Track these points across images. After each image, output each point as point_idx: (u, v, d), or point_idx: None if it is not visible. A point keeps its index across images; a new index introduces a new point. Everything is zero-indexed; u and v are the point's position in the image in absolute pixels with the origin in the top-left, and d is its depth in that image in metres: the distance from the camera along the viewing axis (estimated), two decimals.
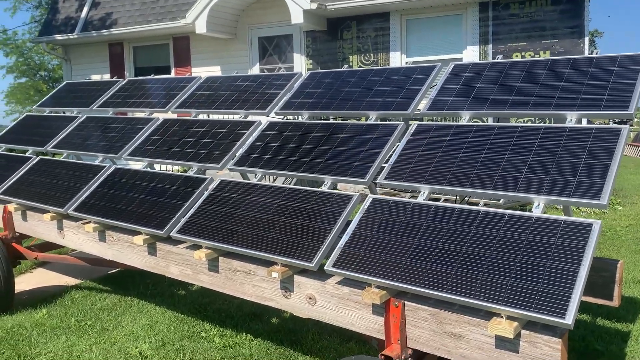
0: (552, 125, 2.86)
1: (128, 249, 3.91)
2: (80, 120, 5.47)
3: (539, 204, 2.58)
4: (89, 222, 4.15)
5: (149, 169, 4.26)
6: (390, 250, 2.66)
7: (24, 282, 5.75)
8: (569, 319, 2.08)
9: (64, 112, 5.99)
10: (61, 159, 5.02)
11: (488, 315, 2.39)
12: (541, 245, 2.36)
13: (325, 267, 2.76)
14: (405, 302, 2.59)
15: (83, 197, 4.25)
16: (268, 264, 3.14)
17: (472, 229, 2.56)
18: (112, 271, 5.94)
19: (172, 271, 3.64)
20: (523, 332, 2.27)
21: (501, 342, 2.33)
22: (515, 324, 2.22)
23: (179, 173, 4.02)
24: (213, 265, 3.37)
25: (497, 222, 2.54)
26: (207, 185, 3.73)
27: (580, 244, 2.29)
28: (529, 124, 2.95)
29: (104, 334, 4.31)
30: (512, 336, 2.19)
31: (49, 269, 6.19)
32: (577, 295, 2.13)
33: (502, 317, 2.27)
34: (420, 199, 2.89)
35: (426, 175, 2.95)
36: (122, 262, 4.02)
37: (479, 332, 2.39)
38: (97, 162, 4.68)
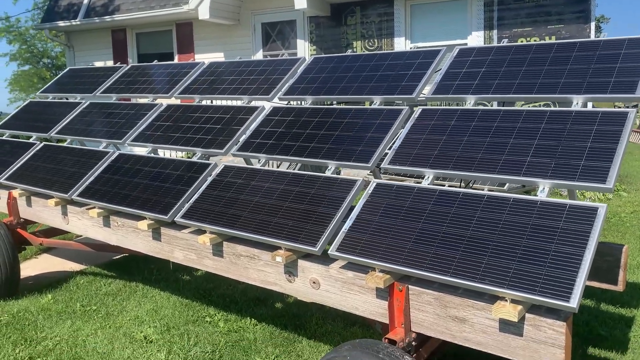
0: (558, 109, 2.83)
1: (132, 234, 3.92)
2: (84, 106, 5.46)
3: (544, 188, 2.56)
4: (93, 207, 4.16)
5: (152, 155, 4.25)
6: (394, 235, 2.65)
7: (30, 268, 5.79)
8: (574, 302, 2.07)
9: (67, 99, 5.99)
10: (65, 144, 5.03)
11: (492, 299, 2.39)
12: (546, 229, 2.35)
13: (329, 252, 2.76)
14: (409, 286, 2.59)
15: (87, 183, 4.25)
16: (272, 248, 3.14)
17: (477, 213, 2.55)
18: (117, 257, 5.96)
19: (177, 256, 3.65)
20: (527, 315, 2.27)
21: (505, 326, 2.33)
22: (520, 307, 2.22)
23: (183, 159, 4.02)
24: (217, 250, 3.38)
25: (502, 206, 2.53)
26: (210, 170, 3.73)
27: (586, 228, 2.28)
28: (535, 107, 2.93)
29: (109, 319, 4.34)
30: (516, 320, 2.19)
31: (54, 254, 6.22)
32: (582, 279, 2.13)
33: (506, 300, 2.27)
34: (425, 183, 2.88)
35: (431, 159, 2.93)
36: (127, 247, 4.03)
37: (483, 316, 2.39)
38: (100, 148, 4.68)
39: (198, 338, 3.95)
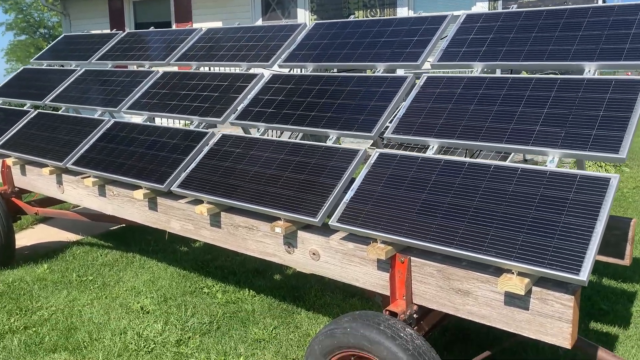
0: (570, 76, 2.73)
1: (128, 204, 3.84)
2: (79, 73, 5.33)
3: (553, 158, 2.47)
4: (88, 176, 4.07)
5: (149, 123, 4.15)
6: (397, 206, 2.57)
7: (26, 238, 5.73)
8: (584, 275, 2.00)
9: (62, 66, 5.85)
10: (59, 112, 4.91)
11: (497, 271, 2.32)
12: (555, 200, 2.27)
13: (329, 223, 2.68)
14: (412, 258, 2.52)
15: (82, 151, 4.15)
16: (271, 219, 3.06)
17: (483, 184, 2.47)
18: (114, 227, 5.90)
19: (174, 226, 3.58)
20: (534, 288, 2.20)
21: (510, 299, 2.27)
22: (527, 280, 2.15)
23: (180, 127, 3.92)
24: (215, 221, 3.30)
25: (509, 177, 2.44)
26: (208, 139, 3.63)
27: (597, 199, 2.20)
28: (545, 75, 2.82)
29: (106, 289, 4.29)
30: (523, 293, 2.12)
31: (51, 224, 6.15)
32: (592, 252, 2.05)
33: (512, 273, 2.20)
34: (429, 153, 2.79)
35: (436, 128, 2.83)
36: (123, 217, 3.96)
37: (487, 289, 2.32)
38: (96, 116, 4.57)
39: (195, 309, 3.90)
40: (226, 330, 3.59)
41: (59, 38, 6.35)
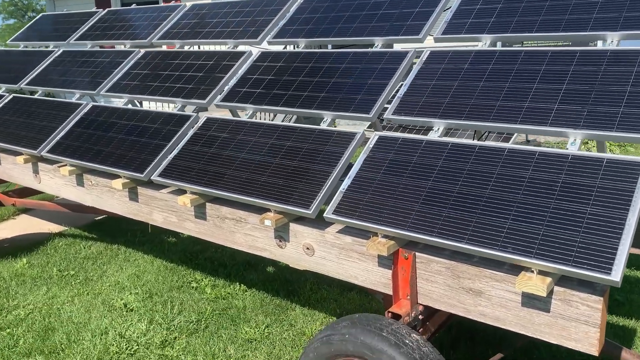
0: (591, 48, 2.44)
1: (108, 194, 3.56)
2: (57, 54, 5.00)
3: (575, 140, 2.20)
4: (65, 164, 3.78)
5: (129, 106, 3.85)
6: (400, 195, 2.30)
7: (7, 229, 5.45)
8: (617, 275, 1.74)
9: (40, 47, 5.52)
10: (36, 96, 4.60)
11: (514, 268, 2.06)
12: (579, 188, 2.00)
13: (324, 215, 2.41)
14: (417, 254, 2.25)
15: (58, 138, 3.86)
16: (260, 210, 2.79)
17: (497, 170, 2.19)
18: (99, 218, 5.62)
19: (156, 218, 3.31)
20: (556, 288, 1.94)
21: (529, 300, 2.01)
22: (549, 279, 1.89)
23: (162, 110, 3.62)
24: (200, 212, 3.03)
25: (525, 162, 2.17)
26: (192, 123, 3.34)
27: (628, 186, 1.93)
28: (562, 47, 2.53)
29: (87, 285, 4.03)
30: (544, 294, 1.86)
31: (34, 215, 5.87)
32: (625, 247, 1.79)
33: (532, 271, 1.94)
34: (435, 135, 2.51)
35: (441, 108, 2.55)
36: (102, 209, 3.68)
37: (502, 288, 2.06)
38: (74, 100, 4.27)
39: (182, 306, 3.65)
40: (215, 330, 3.33)
41: (36, 18, 6.00)
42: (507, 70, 2.55)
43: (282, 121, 3.68)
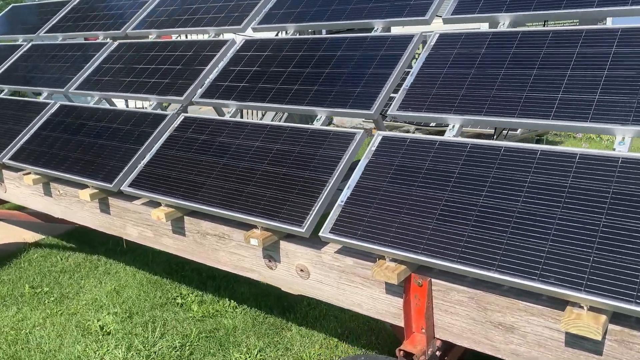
0: (636, 25, 2.04)
1: (77, 205, 3.16)
2: (25, 49, 4.58)
3: (623, 139, 1.80)
4: (29, 172, 3.38)
5: (99, 106, 3.44)
6: (410, 210, 1.90)
7: None
8: None
9: (8, 41, 5.08)
10: (1, 96, 4.18)
11: (553, 300, 1.67)
12: (636, 200, 1.61)
13: (320, 234, 2.02)
14: (433, 280, 1.87)
15: (22, 142, 3.45)
16: (246, 225, 2.40)
17: (529, 178, 1.80)
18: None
19: (130, 233, 2.91)
20: (611, 327, 1.56)
21: (575, 340, 1.62)
22: (603, 318, 1.51)
23: (135, 109, 3.22)
24: (178, 227, 2.63)
25: (564, 167, 1.77)
26: (167, 124, 2.94)
27: None
28: (601, 26, 2.13)
29: (62, 304, 3.64)
30: (600, 338, 1.47)
31: (11, 222, 5.46)
32: None
33: (581, 307, 1.55)
34: (450, 135, 2.11)
35: (456, 102, 2.15)
36: (73, 221, 3.28)
37: (540, 324, 1.68)
38: (41, 99, 3.85)
39: (166, 327, 3.26)
40: (200, 357, 2.95)
41: (5, 10, 5.56)
42: (532, 54, 2.15)
43: (272, 120, 3.27)
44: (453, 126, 2.13)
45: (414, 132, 7.60)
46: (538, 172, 1.80)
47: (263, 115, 7.03)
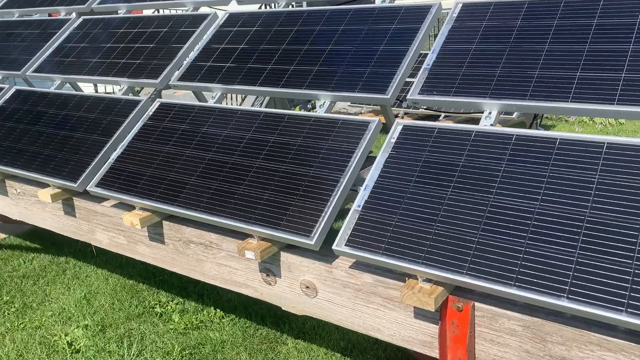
0: None
1: (38, 206, 2.73)
2: None
3: None
4: None
5: (63, 91, 3.00)
6: (447, 217, 1.54)
7: None
8: None
9: None
10: None
11: (633, 333, 1.34)
12: None
13: (334, 247, 1.65)
14: (476, 304, 1.51)
15: None
16: (238, 233, 2.02)
17: (596, 178, 1.45)
18: None
19: (100, 239, 2.51)
20: None
21: None
22: None
23: (104, 94, 2.79)
24: (155, 234, 2.24)
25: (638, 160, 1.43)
26: (141, 111, 2.52)
27: None
28: None
29: (24, 315, 3.21)
30: None
31: None
32: None
33: None
34: (486, 123, 1.75)
35: (491, 83, 1.79)
36: (34, 224, 2.86)
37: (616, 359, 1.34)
38: None
39: (143, 343, 2.87)
40: None
41: None
42: (583, 25, 1.79)
43: (263, 107, 2.88)
44: (490, 113, 1.77)
45: (402, 117, 7.24)
46: (607, 171, 1.45)
47: (255, 101, 6.52)
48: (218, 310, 3.13)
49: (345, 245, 1.62)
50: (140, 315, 3.15)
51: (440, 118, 6.83)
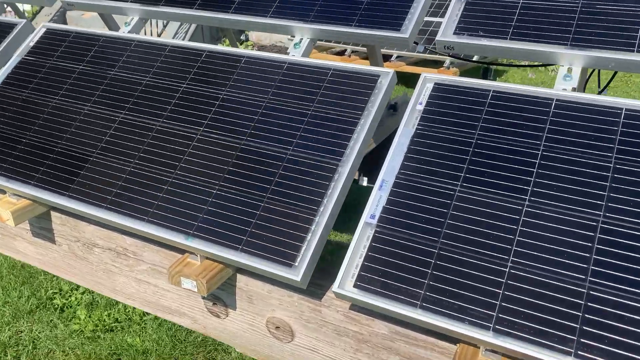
0: None
1: None
2: None
3: None
4: None
5: None
6: (543, 241, 0.93)
7: None
8: None
9: None
10: None
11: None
12: None
13: (334, 289, 1.00)
14: None
15: None
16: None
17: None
18: None
19: None
20: None
21: None
22: None
23: None
24: (41, 228, 1.51)
25: None
26: (16, 39, 1.70)
27: None
28: None
29: None
30: None
31: None
32: None
33: None
34: (566, 85, 1.13)
35: (571, 27, 1.16)
36: None
37: None
38: None
39: (35, 353, 2.16)
40: None
41: None
42: None
43: (174, 37, 2.16)
44: (569, 69, 1.14)
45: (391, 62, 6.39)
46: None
47: (186, 33, 5.35)
48: None
49: (355, 286, 0.98)
50: (32, 311, 2.41)
51: (445, 64, 5.77)
